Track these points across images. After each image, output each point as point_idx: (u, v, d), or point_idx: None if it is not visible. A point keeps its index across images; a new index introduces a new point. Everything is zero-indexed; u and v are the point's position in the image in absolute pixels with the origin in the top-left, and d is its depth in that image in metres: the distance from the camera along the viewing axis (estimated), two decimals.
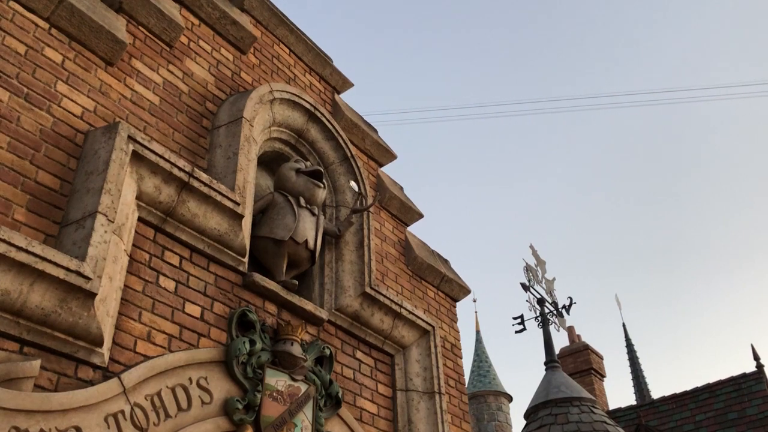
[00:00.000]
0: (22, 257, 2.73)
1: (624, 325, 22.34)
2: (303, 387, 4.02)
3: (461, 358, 5.65)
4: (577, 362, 15.25)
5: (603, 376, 15.53)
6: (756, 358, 12.16)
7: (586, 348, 15.36)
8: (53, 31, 3.67)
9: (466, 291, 6.04)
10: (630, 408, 13.43)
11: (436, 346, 5.05)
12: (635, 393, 20.20)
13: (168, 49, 4.37)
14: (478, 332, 19.29)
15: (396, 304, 4.87)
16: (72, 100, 3.58)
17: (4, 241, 2.69)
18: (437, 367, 4.94)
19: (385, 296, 4.79)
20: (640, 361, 21.42)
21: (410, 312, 4.96)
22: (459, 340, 5.75)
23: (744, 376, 12.15)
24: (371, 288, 4.72)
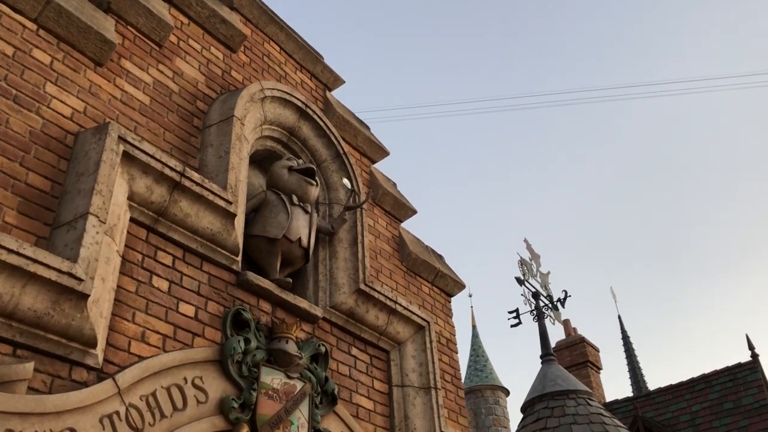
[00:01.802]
0: (13, 260, 2.72)
1: (620, 317, 22.34)
2: (299, 385, 4.02)
3: (457, 353, 5.66)
4: (573, 355, 15.31)
5: (599, 368, 15.59)
6: (751, 347, 12.22)
7: (582, 341, 15.42)
8: (41, 32, 3.65)
9: (460, 286, 6.04)
10: (626, 400, 13.48)
11: (431, 342, 5.05)
12: (632, 385, 20.28)
13: (157, 48, 4.36)
14: (474, 327, 19.32)
15: (391, 300, 4.87)
16: (61, 101, 3.57)
17: None
18: (433, 362, 4.95)
19: (379, 293, 4.80)
20: (636, 353, 21.50)
21: (405, 308, 4.96)
22: (454, 335, 5.76)
23: (739, 365, 12.21)
24: (366, 285, 4.72)
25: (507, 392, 17.83)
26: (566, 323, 16.07)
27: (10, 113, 3.29)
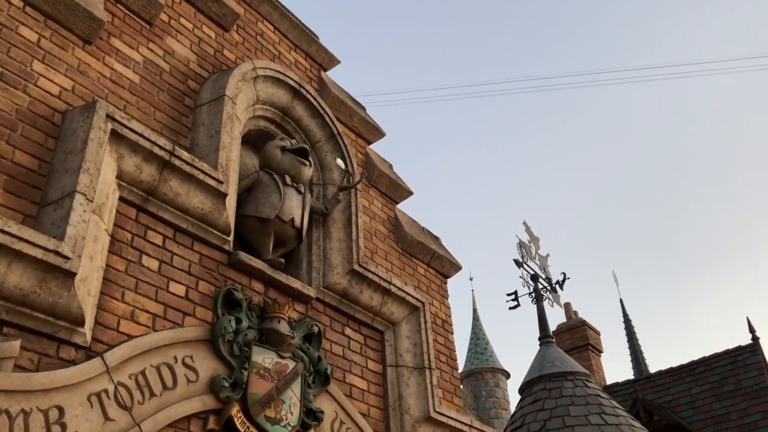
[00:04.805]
0: None
1: (621, 300, 22.35)
2: (291, 364, 4.01)
3: (452, 333, 5.66)
4: (574, 338, 15.32)
5: (600, 351, 15.61)
6: (751, 330, 12.22)
7: (583, 324, 15.43)
8: (28, 9, 3.61)
9: (456, 267, 6.03)
10: (627, 382, 13.50)
11: (426, 322, 5.05)
12: (633, 368, 20.29)
13: (148, 27, 4.31)
14: (475, 310, 19.34)
15: (385, 281, 4.85)
16: (49, 80, 3.54)
17: None
18: (427, 342, 4.94)
19: (373, 273, 4.78)
20: (638, 336, 21.51)
21: (399, 288, 4.95)
22: (450, 317, 5.75)
23: (739, 348, 12.22)
24: (359, 265, 4.71)
25: (507, 375, 17.89)
26: (567, 306, 16.07)
27: None
